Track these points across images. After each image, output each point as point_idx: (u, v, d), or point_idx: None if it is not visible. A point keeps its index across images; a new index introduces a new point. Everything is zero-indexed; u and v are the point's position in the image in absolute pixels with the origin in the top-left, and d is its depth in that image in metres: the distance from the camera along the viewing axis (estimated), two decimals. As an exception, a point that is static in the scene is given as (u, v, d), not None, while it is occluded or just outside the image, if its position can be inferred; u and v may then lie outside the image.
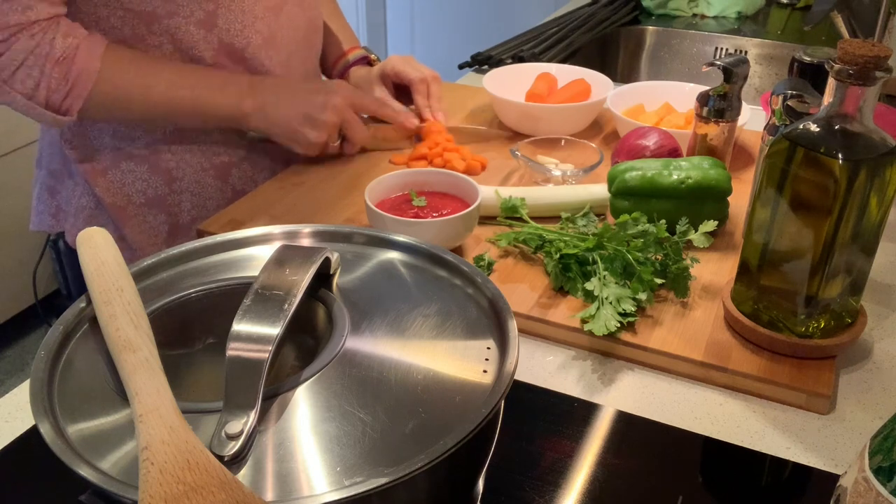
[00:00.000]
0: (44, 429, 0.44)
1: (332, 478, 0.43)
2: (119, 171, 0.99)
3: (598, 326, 0.70)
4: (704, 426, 0.65)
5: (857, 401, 0.68)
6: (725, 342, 0.71)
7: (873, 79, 0.60)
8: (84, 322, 0.54)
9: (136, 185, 1.00)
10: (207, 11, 0.92)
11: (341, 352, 0.51)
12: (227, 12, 0.93)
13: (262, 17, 0.97)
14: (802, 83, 0.80)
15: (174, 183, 1.01)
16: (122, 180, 1.00)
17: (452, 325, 0.55)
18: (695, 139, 0.93)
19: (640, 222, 0.78)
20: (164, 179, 1.01)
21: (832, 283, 0.67)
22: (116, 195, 1.00)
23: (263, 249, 0.62)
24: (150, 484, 0.39)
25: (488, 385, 0.49)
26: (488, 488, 0.58)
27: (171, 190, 1.01)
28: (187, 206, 1.03)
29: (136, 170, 1.00)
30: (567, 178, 0.96)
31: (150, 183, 1.00)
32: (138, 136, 0.98)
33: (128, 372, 0.46)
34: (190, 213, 1.03)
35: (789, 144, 0.65)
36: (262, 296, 0.50)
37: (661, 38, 1.77)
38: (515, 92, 1.15)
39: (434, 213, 0.84)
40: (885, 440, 0.45)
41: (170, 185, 1.01)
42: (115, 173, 0.99)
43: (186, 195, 1.02)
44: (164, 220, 1.03)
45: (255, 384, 0.45)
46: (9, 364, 2.31)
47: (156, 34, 0.92)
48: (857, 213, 0.63)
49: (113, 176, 0.99)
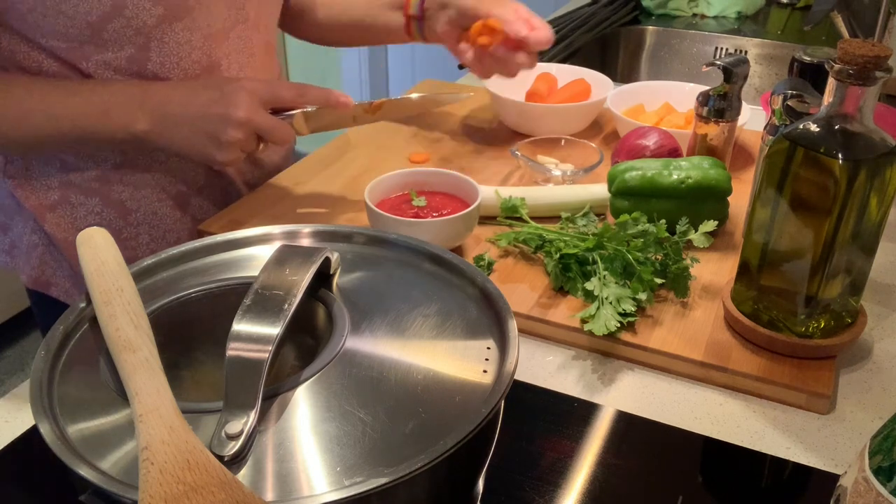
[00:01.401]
0: (44, 429, 0.44)
1: (332, 478, 0.43)
2: (69, 206, 0.91)
3: (598, 326, 0.70)
4: (704, 426, 0.65)
5: (857, 401, 0.68)
6: (725, 342, 0.71)
7: (873, 79, 0.60)
8: (84, 322, 0.54)
9: (88, 218, 0.92)
10: (138, 45, 0.83)
11: (341, 352, 0.51)
12: (160, 45, 0.84)
13: (199, 46, 0.87)
14: (802, 83, 0.80)
15: (129, 216, 0.93)
16: (73, 214, 0.92)
17: (452, 325, 0.55)
18: (695, 139, 0.93)
19: (640, 222, 0.78)
20: (117, 212, 0.92)
21: (832, 283, 0.67)
22: (68, 230, 0.92)
23: (263, 249, 0.62)
24: (150, 484, 0.39)
25: (488, 385, 0.49)
26: (488, 488, 0.58)
27: (127, 223, 0.94)
28: (145, 240, 0.95)
29: (86, 202, 0.91)
30: (567, 178, 0.96)
31: (103, 216, 0.92)
32: (87, 167, 0.90)
33: (128, 372, 0.46)
34: (149, 246, 0.96)
35: (789, 144, 0.65)
36: (262, 296, 0.50)
37: (661, 38, 1.77)
38: (515, 92, 1.15)
39: (434, 213, 0.84)
40: (885, 440, 0.45)
41: (125, 217, 0.93)
42: (64, 208, 0.91)
43: (144, 227, 0.94)
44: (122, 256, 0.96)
45: (255, 384, 0.45)
46: (9, 364, 2.31)
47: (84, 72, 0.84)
48: (857, 213, 0.63)
49: (63, 210, 0.91)
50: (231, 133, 0.81)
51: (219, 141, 0.82)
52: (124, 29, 0.80)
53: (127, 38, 0.82)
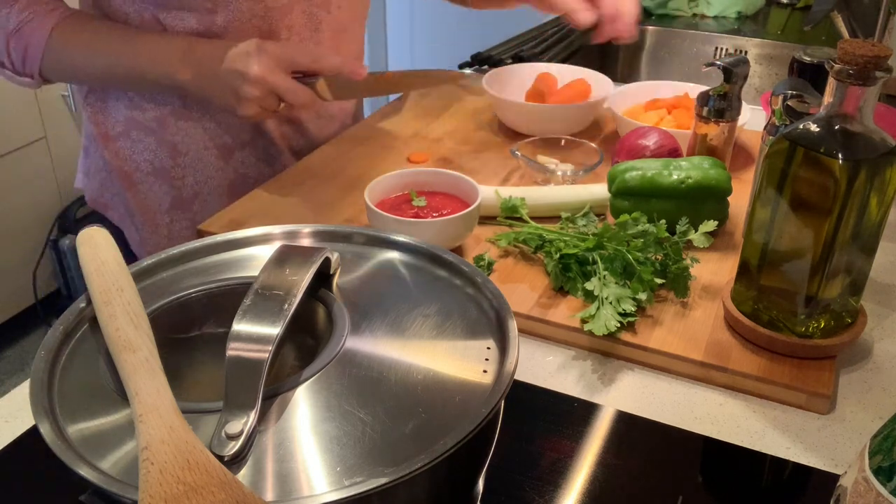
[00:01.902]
0: (44, 429, 0.44)
1: (332, 478, 0.43)
2: (129, 140, 1.03)
3: (598, 326, 0.70)
4: (704, 426, 0.65)
5: (857, 401, 0.68)
6: (725, 342, 0.71)
7: (873, 79, 0.60)
8: (84, 322, 0.54)
9: (144, 154, 1.03)
10: (207, 9, 0.94)
11: (341, 352, 0.51)
12: (225, 10, 0.94)
13: (262, 15, 0.96)
14: (802, 83, 0.80)
15: (179, 157, 1.04)
16: (132, 148, 1.03)
17: (452, 325, 0.55)
18: (695, 139, 0.93)
19: (640, 222, 0.78)
20: (169, 152, 1.03)
21: (832, 283, 0.67)
22: (125, 161, 1.04)
23: (263, 249, 0.62)
24: (150, 484, 0.39)
25: (488, 385, 0.49)
26: (488, 488, 0.58)
27: (176, 163, 1.04)
28: (190, 181, 1.05)
29: (144, 139, 1.02)
30: (567, 178, 0.96)
31: (156, 154, 1.03)
32: (148, 108, 1.01)
33: (128, 372, 0.46)
34: (192, 187, 1.05)
35: (789, 144, 0.65)
36: (262, 296, 0.50)
37: (661, 38, 1.77)
38: (515, 92, 1.15)
39: (434, 213, 0.84)
40: (885, 440, 0.45)
41: (174, 158, 1.03)
42: (125, 140, 1.03)
43: (189, 170, 1.05)
44: (167, 192, 1.05)
45: (255, 384, 0.45)
46: (9, 364, 2.31)
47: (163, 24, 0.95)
48: (857, 213, 0.63)
49: (123, 142, 1.03)
50: (247, 89, 0.88)
51: (238, 95, 0.89)
52: None
53: (197, 2, 0.93)
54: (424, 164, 1.04)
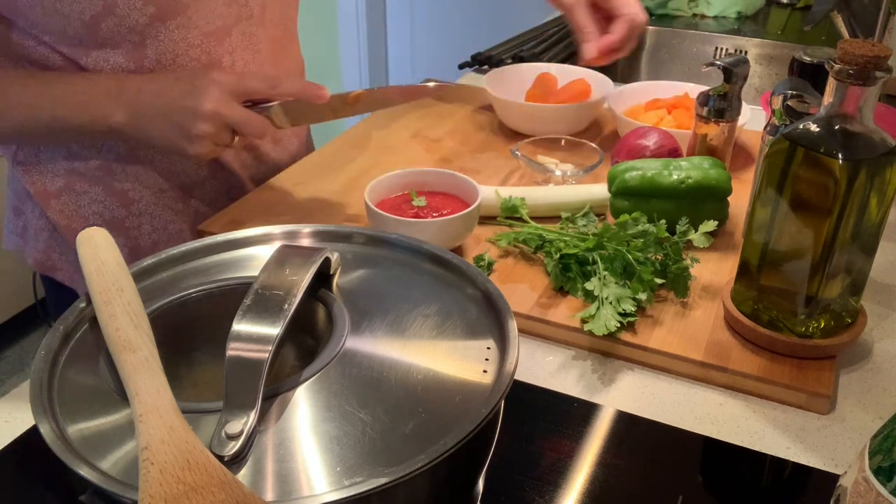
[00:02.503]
0: (44, 429, 0.44)
1: (332, 478, 0.43)
2: (73, 193, 0.93)
3: (598, 326, 0.70)
4: (704, 426, 0.65)
5: (857, 401, 0.68)
6: (725, 342, 0.71)
7: (873, 79, 0.60)
8: (84, 322, 0.54)
9: (92, 207, 0.93)
10: (134, 43, 0.83)
11: (341, 352, 0.51)
12: (156, 43, 0.84)
13: (198, 44, 0.86)
14: (802, 83, 0.80)
15: (131, 205, 0.94)
16: (77, 202, 0.93)
17: (452, 325, 0.55)
18: (695, 139, 0.93)
19: (640, 222, 0.78)
20: (120, 202, 0.94)
21: (832, 283, 0.66)
22: (72, 218, 0.94)
23: (263, 249, 0.62)
24: (150, 484, 0.39)
25: (488, 385, 0.49)
26: (488, 488, 0.58)
27: (129, 213, 0.94)
28: (147, 230, 0.96)
29: (90, 191, 0.93)
30: (567, 178, 0.96)
31: (105, 205, 0.93)
32: (90, 156, 0.91)
33: (128, 372, 0.46)
34: (150, 236, 0.96)
35: (789, 144, 0.65)
36: (262, 296, 0.50)
37: (661, 38, 1.77)
38: (515, 92, 1.15)
39: (434, 213, 0.84)
40: (885, 440, 0.45)
41: (127, 207, 0.94)
42: (69, 195, 0.93)
43: (146, 217, 0.95)
44: (124, 244, 0.96)
45: (255, 384, 0.45)
46: (9, 364, 2.31)
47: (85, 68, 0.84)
48: (857, 213, 0.63)
49: (67, 198, 0.93)
50: (200, 126, 0.80)
51: (189, 134, 0.80)
52: (118, 27, 0.81)
53: (121, 37, 0.82)
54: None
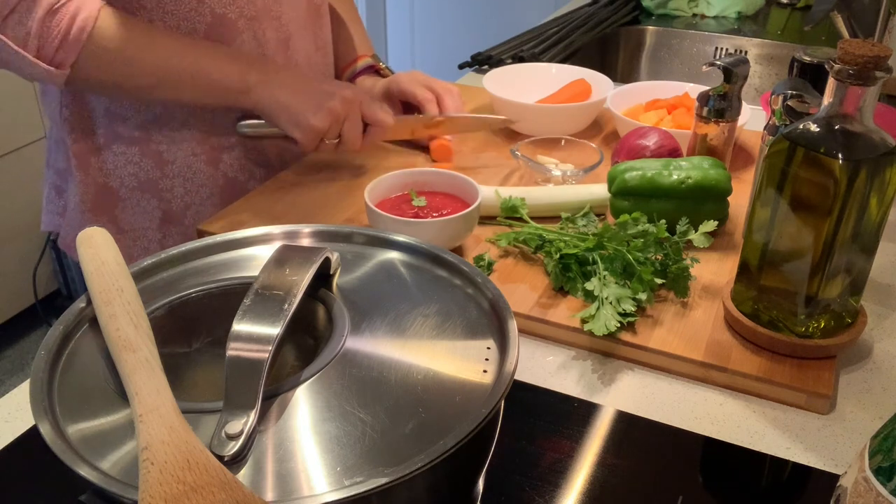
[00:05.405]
0: (44, 429, 0.44)
1: (332, 478, 0.43)
2: (111, 153, 0.98)
3: (598, 326, 0.70)
4: (704, 426, 0.65)
5: (857, 401, 0.68)
6: (725, 342, 0.71)
7: (873, 79, 0.60)
8: (84, 322, 0.54)
9: (128, 168, 0.98)
10: None
11: (341, 352, 0.51)
12: None
13: None
14: (802, 83, 0.80)
15: (165, 167, 0.99)
16: (115, 162, 0.98)
17: (452, 325, 0.55)
18: (695, 139, 0.93)
19: (640, 222, 0.78)
20: (155, 163, 0.99)
21: (832, 283, 0.67)
22: (109, 177, 0.99)
23: (263, 249, 0.62)
24: (150, 484, 0.39)
25: (488, 385, 0.49)
26: (488, 488, 0.58)
27: (163, 174, 1.00)
28: (179, 192, 1.01)
29: (127, 152, 0.98)
30: (567, 178, 0.96)
31: (141, 166, 0.99)
32: (129, 116, 0.96)
33: (128, 372, 0.46)
34: (182, 198, 1.01)
35: (789, 144, 0.65)
36: (262, 296, 0.50)
37: (661, 38, 1.77)
38: (515, 92, 1.15)
39: (434, 213, 0.84)
40: (885, 440, 0.45)
41: (161, 168, 0.99)
42: (107, 154, 0.98)
43: (178, 180, 1.00)
44: (157, 206, 1.01)
45: (255, 384, 0.45)
46: (9, 364, 2.31)
47: (146, 8, 0.89)
48: (857, 213, 0.63)
49: (105, 157, 0.98)
50: (334, 103, 0.92)
51: (320, 105, 0.92)
52: None
53: None
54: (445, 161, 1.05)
